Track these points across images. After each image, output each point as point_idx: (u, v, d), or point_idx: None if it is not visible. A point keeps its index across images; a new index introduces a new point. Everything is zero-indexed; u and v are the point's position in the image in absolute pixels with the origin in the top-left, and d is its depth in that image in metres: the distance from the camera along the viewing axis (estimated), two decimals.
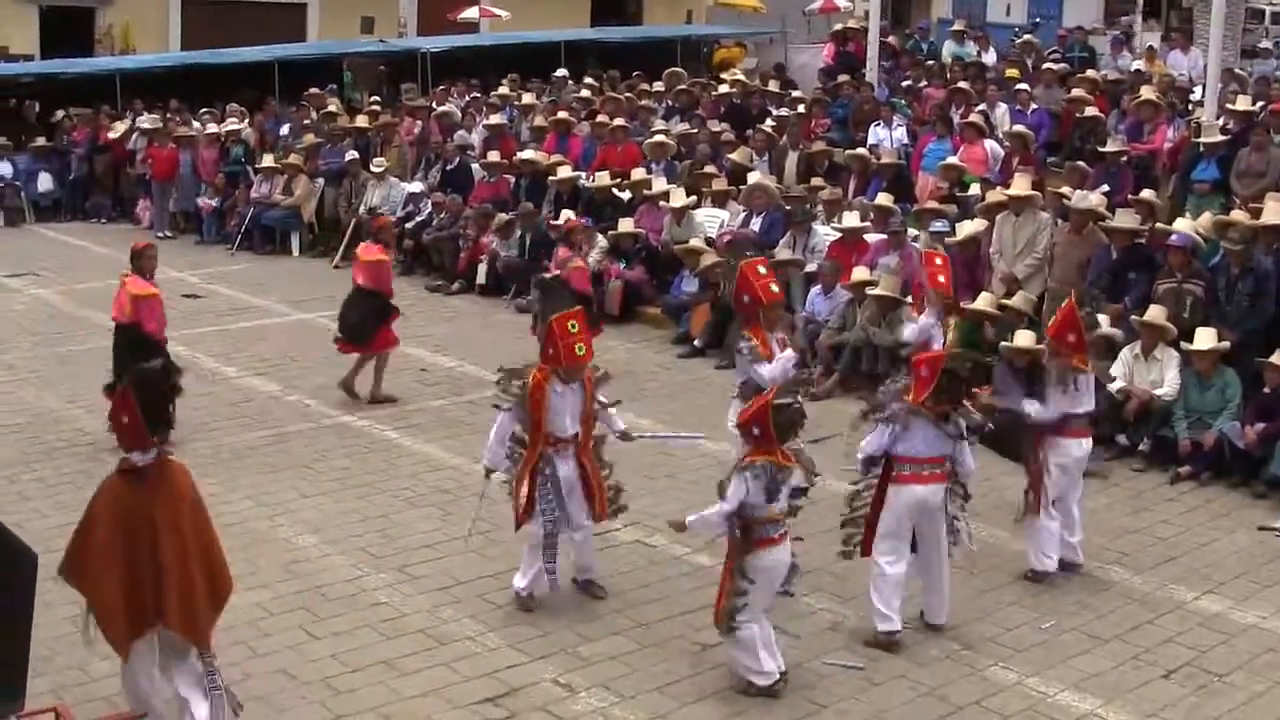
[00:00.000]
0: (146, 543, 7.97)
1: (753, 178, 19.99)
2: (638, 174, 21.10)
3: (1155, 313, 14.17)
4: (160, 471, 8.08)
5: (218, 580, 8.33)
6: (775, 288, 11.42)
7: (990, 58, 26.96)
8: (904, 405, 9.93)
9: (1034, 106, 21.67)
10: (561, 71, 29.86)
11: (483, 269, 21.20)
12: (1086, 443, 11.36)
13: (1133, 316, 14.49)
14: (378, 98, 29.51)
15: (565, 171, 21.77)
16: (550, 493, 10.37)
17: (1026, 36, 27.81)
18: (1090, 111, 20.68)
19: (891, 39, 28.60)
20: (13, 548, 6.39)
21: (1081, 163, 18.62)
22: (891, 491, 10.03)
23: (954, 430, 10.02)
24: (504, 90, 27.70)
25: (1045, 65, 24.14)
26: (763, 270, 11.43)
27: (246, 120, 27.48)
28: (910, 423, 9.90)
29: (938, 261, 13.32)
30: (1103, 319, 14.39)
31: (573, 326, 10.28)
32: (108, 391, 12.69)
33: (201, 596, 8.18)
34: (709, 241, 18.91)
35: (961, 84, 23.09)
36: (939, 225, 16.93)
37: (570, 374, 10.32)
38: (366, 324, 15.58)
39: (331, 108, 27.35)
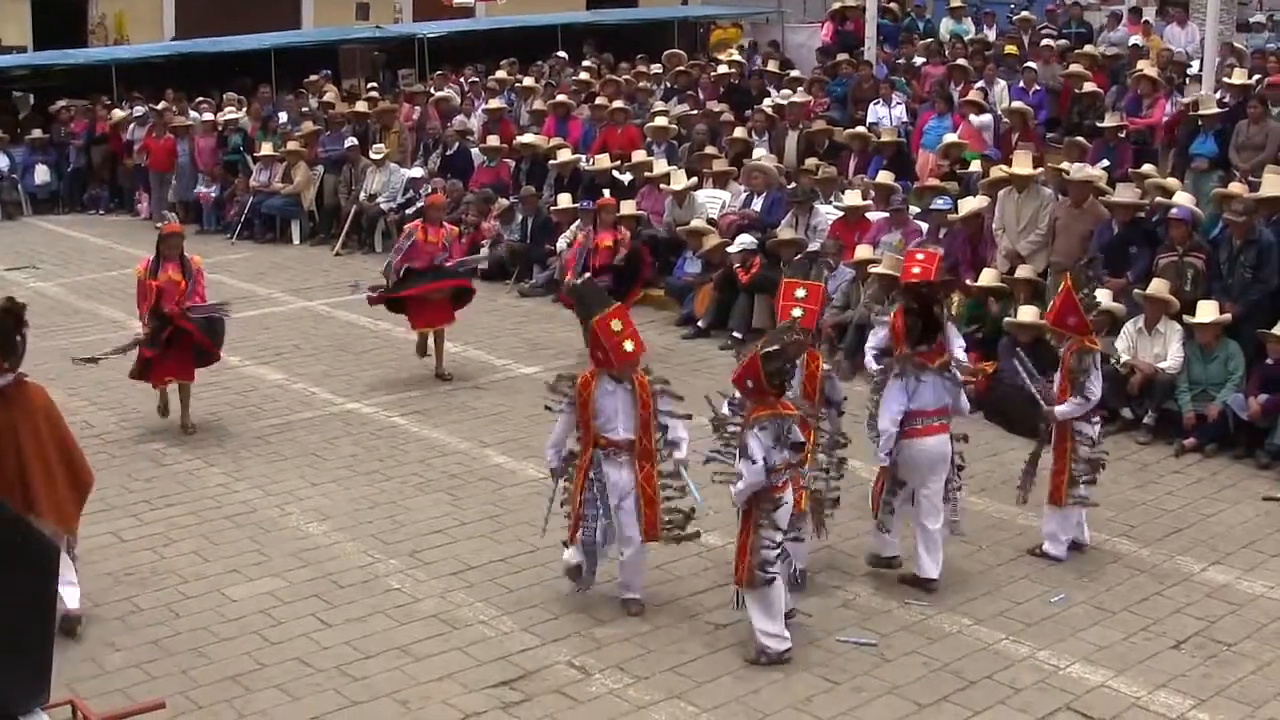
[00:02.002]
0: (11, 449, 9.37)
1: (756, 154, 20.06)
2: (638, 156, 21.10)
3: (1158, 286, 14.19)
4: (18, 390, 9.57)
5: (79, 475, 9.83)
6: (798, 311, 10.56)
7: (994, 34, 26.96)
8: (906, 358, 10.22)
9: (1036, 87, 21.64)
10: (561, 54, 29.85)
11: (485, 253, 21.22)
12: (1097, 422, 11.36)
13: (1135, 290, 14.52)
14: (375, 84, 29.49)
15: (565, 155, 21.75)
16: (595, 498, 10.05)
17: (1024, 13, 27.78)
18: (1089, 87, 20.71)
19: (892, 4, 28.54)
20: (35, 540, 6.40)
21: (1080, 138, 18.65)
22: (905, 445, 10.35)
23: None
24: (502, 74, 27.70)
25: (1044, 41, 24.14)
26: (800, 293, 10.68)
27: (244, 109, 27.46)
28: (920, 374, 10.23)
29: (919, 257, 12.06)
30: (1104, 294, 14.45)
31: (616, 325, 10.01)
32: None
33: (65, 489, 9.64)
34: (711, 222, 18.94)
35: (961, 61, 23.10)
36: (940, 202, 16.92)
37: (623, 371, 10.03)
38: None
39: (328, 95, 27.33)
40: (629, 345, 10.03)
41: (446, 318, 16.14)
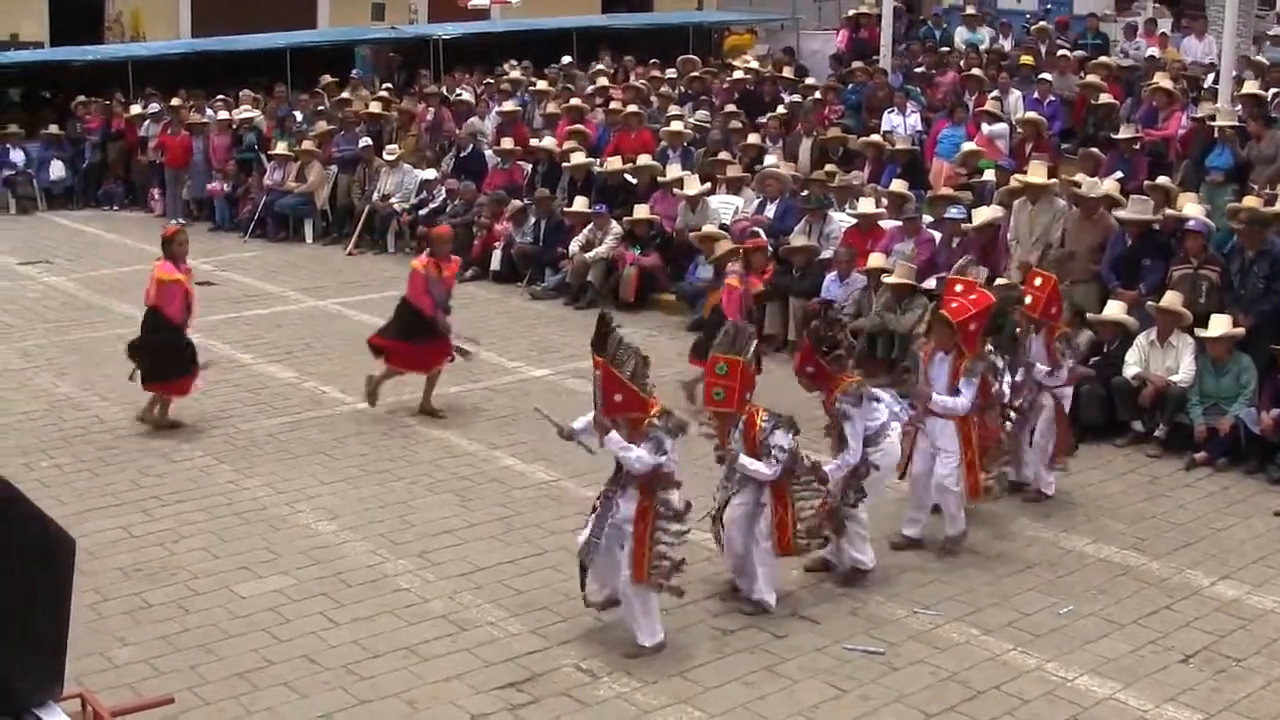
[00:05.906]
0: None
1: (769, 160, 20.08)
2: (643, 160, 21.09)
3: (1171, 299, 14.14)
4: None
5: None
6: (719, 393, 10.08)
7: (1010, 44, 26.99)
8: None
9: (1051, 98, 21.63)
10: (566, 59, 29.89)
11: (497, 255, 21.26)
12: None
13: (1148, 303, 14.48)
14: (389, 85, 29.54)
15: (579, 158, 21.76)
16: (599, 512, 9.65)
17: (1040, 23, 27.79)
18: (1105, 98, 20.69)
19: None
20: (53, 534, 6.41)
21: (1095, 149, 18.62)
22: None
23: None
24: (516, 75, 27.74)
25: (1060, 52, 24.14)
26: (721, 369, 10.08)
27: (260, 108, 27.50)
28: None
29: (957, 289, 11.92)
30: (1117, 305, 14.45)
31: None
32: (130, 353, 14.37)
33: None
34: (724, 228, 18.93)
35: (975, 70, 23.10)
36: (954, 211, 16.91)
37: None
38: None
39: (344, 94, 27.34)
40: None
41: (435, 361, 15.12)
